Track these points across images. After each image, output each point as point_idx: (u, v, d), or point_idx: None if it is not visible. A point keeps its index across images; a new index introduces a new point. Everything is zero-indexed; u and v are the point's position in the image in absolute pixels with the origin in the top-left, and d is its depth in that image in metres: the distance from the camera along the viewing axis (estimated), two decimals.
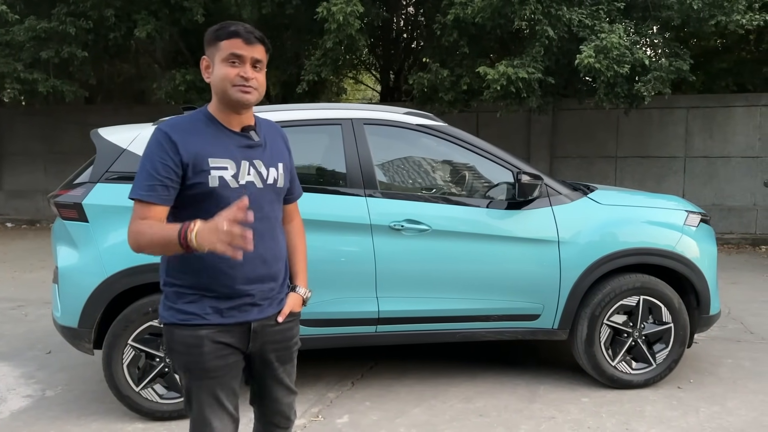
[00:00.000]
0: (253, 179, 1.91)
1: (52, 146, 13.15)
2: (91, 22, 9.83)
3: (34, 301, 6.27)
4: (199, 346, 1.88)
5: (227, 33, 1.87)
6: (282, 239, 2.05)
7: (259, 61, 1.89)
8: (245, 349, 1.97)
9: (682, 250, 3.88)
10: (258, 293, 1.94)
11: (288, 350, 2.08)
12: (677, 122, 10.61)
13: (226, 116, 1.92)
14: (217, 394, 1.93)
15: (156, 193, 1.81)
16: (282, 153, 2.04)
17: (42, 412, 3.68)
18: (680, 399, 3.78)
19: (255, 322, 1.95)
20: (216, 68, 1.89)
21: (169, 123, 1.89)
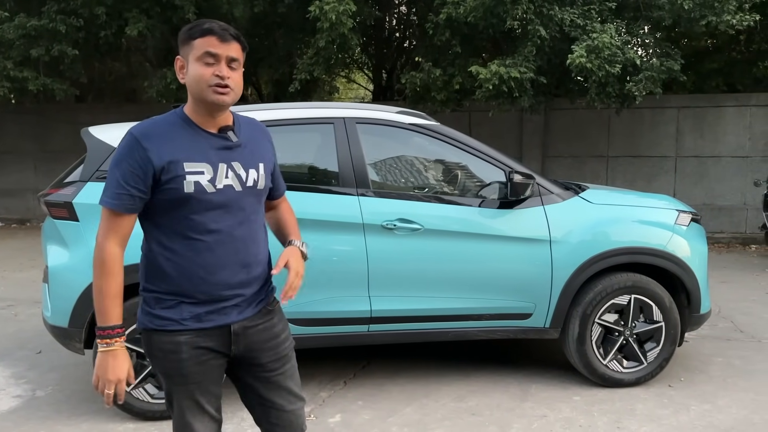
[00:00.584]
0: (232, 182, 1.84)
1: (42, 145, 13.05)
2: (82, 20, 9.76)
3: (24, 301, 6.23)
4: (178, 352, 1.84)
5: (201, 31, 1.78)
6: (264, 241, 1.97)
7: (235, 59, 1.81)
8: (228, 352, 1.91)
9: (673, 249, 3.90)
10: (237, 297, 1.88)
11: (278, 348, 1.98)
12: (668, 122, 10.66)
13: (202, 118, 1.84)
14: (197, 399, 1.89)
15: (121, 201, 1.78)
16: (263, 152, 1.96)
17: (32, 412, 3.66)
18: (671, 397, 3.80)
19: (235, 323, 1.89)
20: (190, 68, 1.80)
21: (141, 127, 1.81)
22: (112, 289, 1.80)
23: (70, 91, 10.71)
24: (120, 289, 1.81)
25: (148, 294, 1.89)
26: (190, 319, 1.84)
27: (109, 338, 1.78)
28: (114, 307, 1.79)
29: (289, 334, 2.05)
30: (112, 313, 1.79)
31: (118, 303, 1.80)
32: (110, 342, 1.78)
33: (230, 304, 1.88)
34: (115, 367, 1.78)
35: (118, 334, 1.79)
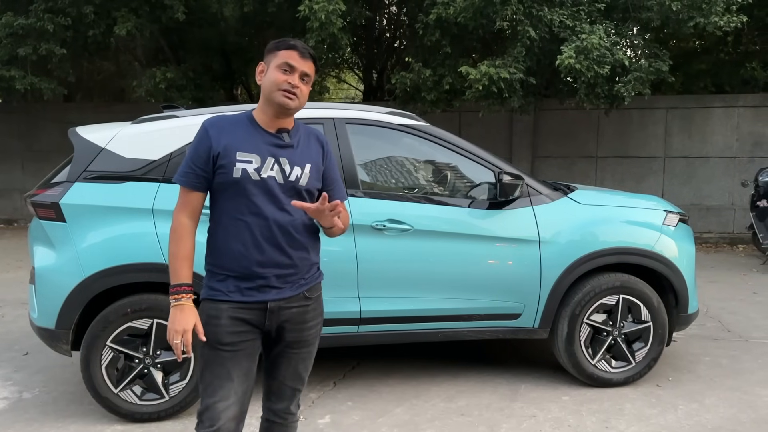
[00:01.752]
0: (275, 175, 2.10)
1: (30, 144, 12.94)
2: (70, 19, 9.68)
3: (11, 302, 6.17)
4: (218, 318, 2.09)
5: (286, 45, 2.12)
6: (305, 233, 2.17)
7: (307, 74, 2.12)
8: (262, 327, 2.14)
9: (661, 249, 3.93)
10: (273, 276, 2.11)
11: (302, 333, 2.20)
12: (657, 123, 10.73)
13: (266, 118, 2.14)
14: (228, 368, 2.09)
15: (187, 179, 2.10)
16: (313, 155, 2.19)
17: (19, 415, 3.63)
18: (659, 397, 3.83)
19: (272, 302, 2.12)
20: (269, 72, 2.12)
21: (211, 119, 2.14)
22: (182, 252, 2.09)
23: (58, 91, 10.62)
24: (189, 253, 2.10)
25: (207, 268, 2.16)
26: (234, 292, 2.10)
27: (177, 294, 2.06)
28: (183, 268, 2.08)
29: (318, 325, 2.28)
30: (181, 273, 2.07)
31: (187, 265, 2.09)
32: (178, 298, 2.06)
33: (267, 283, 2.10)
34: (182, 319, 2.04)
35: (186, 291, 2.06)
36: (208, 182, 2.10)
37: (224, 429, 2.08)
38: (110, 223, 3.43)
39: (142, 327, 3.42)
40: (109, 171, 3.47)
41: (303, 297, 2.19)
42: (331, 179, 2.26)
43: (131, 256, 3.41)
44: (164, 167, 3.50)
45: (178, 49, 11.96)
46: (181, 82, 10.33)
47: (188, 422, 3.46)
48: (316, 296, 2.25)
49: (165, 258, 3.40)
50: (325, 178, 2.24)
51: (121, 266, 3.39)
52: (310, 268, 2.22)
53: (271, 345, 2.23)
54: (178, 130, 3.57)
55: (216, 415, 2.07)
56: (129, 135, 3.57)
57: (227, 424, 2.09)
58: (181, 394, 3.47)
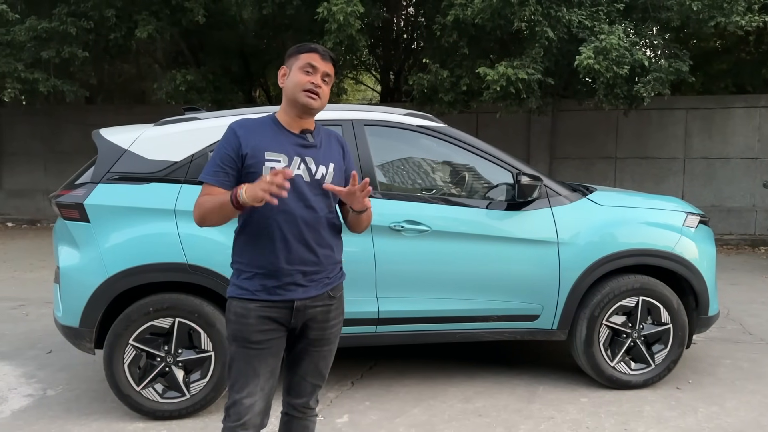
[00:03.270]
0: (302, 173, 2.16)
1: (52, 146, 13.16)
2: (92, 23, 9.84)
3: (35, 301, 6.28)
4: (246, 317, 2.14)
5: (308, 48, 2.19)
6: (334, 231, 2.25)
7: (328, 75, 2.20)
8: (288, 325, 2.19)
9: (681, 251, 3.90)
10: (299, 274, 2.16)
11: (324, 330, 2.26)
12: (676, 123, 10.63)
13: (289, 120, 2.21)
14: (255, 365, 2.15)
15: (216, 178, 2.14)
16: (335, 156, 2.27)
17: (43, 412, 3.70)
18: (679, 399, 3.80)
19: (298, 300, 2.17)
20: (291, 74, 2.19)
21: (238, 121, 2.21)
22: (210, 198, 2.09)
23: (80, 93, 10.79)
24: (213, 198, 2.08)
25: (235, 266, 2.22)
26: (261, 290, 2.15)
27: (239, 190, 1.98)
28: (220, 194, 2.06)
29: (339, 323, 2.34)
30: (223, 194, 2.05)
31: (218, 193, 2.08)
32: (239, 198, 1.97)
33: (294, 281, 2.16)
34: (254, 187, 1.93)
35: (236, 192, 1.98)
36: (235, 181, 2.13)
37: (250, 423, 2.16)
38: (133, 223, 3.48)
39: (163, 326, 3.47)
40: (132, 172, 3.53)
41: (327, 296, 2.25)
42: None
43: (153, 255, 3.46)
44: (186, 168, 3.55)
45: (197, 51, 12.09)
46: (200, 84, 10.44)
47: (209, 420, 3.51)
48: (338, 295, 2.32)
49: (186, 258, 3.45)
50: (346, 177, 2.28)
51: (144, 266, 3.45)
52: (334, 267, 2.28)
53: (294, 342, 2.28)
54: (200, 132, 3.62)
55: (243, 410, 2.15)
56: (152, 137, 3.63)
57: (253, 418, 2.17)
58: (202, 392, 3.51)
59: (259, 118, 2.24)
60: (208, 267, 3.46)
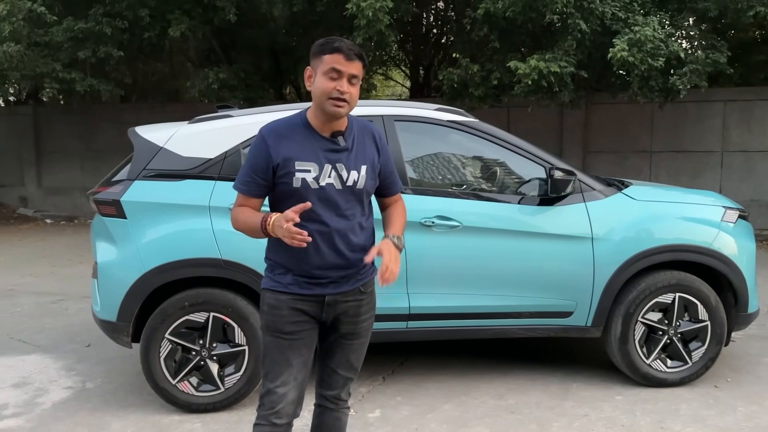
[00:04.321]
0: (333, 181, 2.15)
1: (88, 144, 13.44)
2: (127, 22, 10.01)
3: (74, 296, 6.43)
4: (279, 308, 2.19)
5: (331, 48, 2.09)
6: (365, 233, 2.25)
7: (355, 76, 2.11)
8: (319, 318, 2.23)
9: (720, 246, 3.82)
10: (332, 276, 2.19)
11: (356, 325, 2.29)
12: (714, 116, 10.39)
13: (319, 122, 2.16)
14: (288, 355, 2.20)
15: (248, 187, 2.18)
16: (368, 155, 2.23)
17: (82, 404, 3.79)
18: (717, 398, 3.72)
19: (329, 296, 2.21)
20: (317, 79, 2.12)
21: (268, 127, 2.18)
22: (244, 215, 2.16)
23: (116, 92, 10.99)
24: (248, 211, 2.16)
25: (269, 262, 2.27)
26: (293, 284, 2.20)
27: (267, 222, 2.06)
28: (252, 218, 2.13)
29: (370, 318, 2.36)
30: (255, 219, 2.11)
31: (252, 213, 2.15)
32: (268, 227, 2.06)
33: (326, 281, 2.19)
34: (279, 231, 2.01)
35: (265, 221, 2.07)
36: (267, 190, 2.18)
37: (283, 412, 2.20)
38: (168, 219, 3.54)
39: (198, 320, 3.52)
40: (168, 169, 3.59)
41: (358, 291, 2.27)
42: (386, 173, 2.31)
43: (188, 251, 3.51)
44: (220, 165, 3.59)
45: (229, 49, 12.21)
46: (232, 82, 10.54)
47: (243, 413, 3.55)
48: (370, 291, 2.33)
49: (221, 253, 3.50)
50: (381, 172, 2.29)
51: (179, 261, 3.50)
52: (365, 265, 2.27)
53: (326, 334, 2.31)
54: (233, 130, 3.67)
55: (277, 399, 2.19)
56: (186, 134, 3.68)
57: (287, 407, 2.21)
58: (236, 385, 3.56)
59: (289, 119, 2.21)
60: (242, 262, 3.51)
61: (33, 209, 13.60)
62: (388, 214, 2.37)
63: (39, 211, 13.52)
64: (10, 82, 11.47)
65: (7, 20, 8.99)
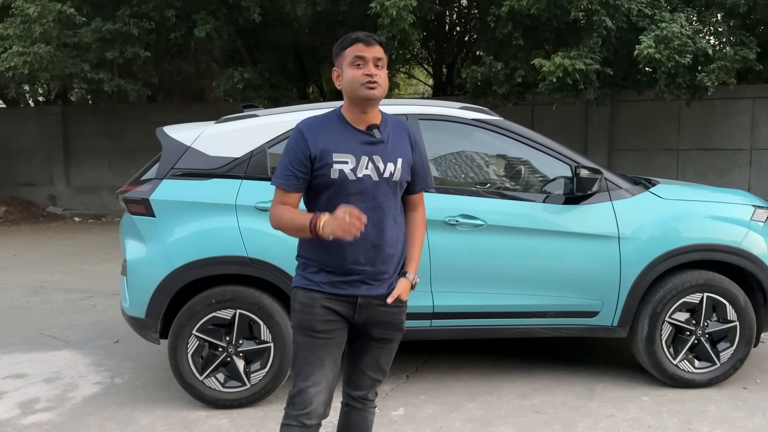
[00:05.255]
0: (370, 173, 2.16)
1: (116, 143, 13.65)
2: (153, 23, 10.15)
3: (102, 293, 6.55)
4: (312, 307, 2.18)
5: (350, 41, 2.14)
6: (398, 227, 2.25)
7: (380, 59, 2.13)
8: (351, 319, 2.22)
9: (749, 246, 3.76)
10: (367, 272, 2.18)
11: (388, 331, 2.28)
12: (742, 113, 10.21)
13: (354, 116, 2.18)
14: (320, 355, 2.19)
15: (288, 182, 2.16)
16: (403, 149, 2.24)
17: (111, 399, 3.86)
18: (746, 399, 3.67)
19: (362, 297, 2.19)
20: (345, 73, 2.15)
21: (305, 122, 2.21)
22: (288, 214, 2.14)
23: (143, 92, 11.15)
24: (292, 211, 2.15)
25: (301, 260, 2.26)
26: (326, 284, 2.19)
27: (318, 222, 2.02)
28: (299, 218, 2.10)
29: (402, 325, 2.33)
30: (303, 219, 2.08)
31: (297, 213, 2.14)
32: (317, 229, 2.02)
33: (359, 278, 2.18)
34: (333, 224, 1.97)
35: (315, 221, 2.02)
36: (306, 183, 2.17)
37: (315, 413, 2.20)
38: (196, 217, 3.59)
39: (225, 317, 3.56)
40: (195, 168, 3.64)
41: (398, 299, 2.24)
42: (417, 169, 2.31)
43: (215, 249, 3.56)
44: (246, 164, 3.63)
45: (253, 49, 12.30)
46: (257, 82, 10.63)
47: (268, 410, 3.59)
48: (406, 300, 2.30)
49: (247, 251, 3.54)
50: (413, 168, 2.29)
51: (206, 259, 3.55)
52: (398, 265, 2.27)
53: (357, 336, 2.30)
54: (259, 129, 3.70)
55: (308, 399, 2.18)
56: (213, 134, 3.73)
57: (318, 407, 2.20)
58: (262, 382, 3.60)
59: (325, 115, 2.24)
60: (268, 260, 3.54)
61: (62, 207, 13.86)
62: (410, 230, 2.35)
63: (68, 209, 13.77)
64: (39, 83, 11.71)
65: (37, 22, 9.17)
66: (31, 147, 14.20)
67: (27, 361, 4.52)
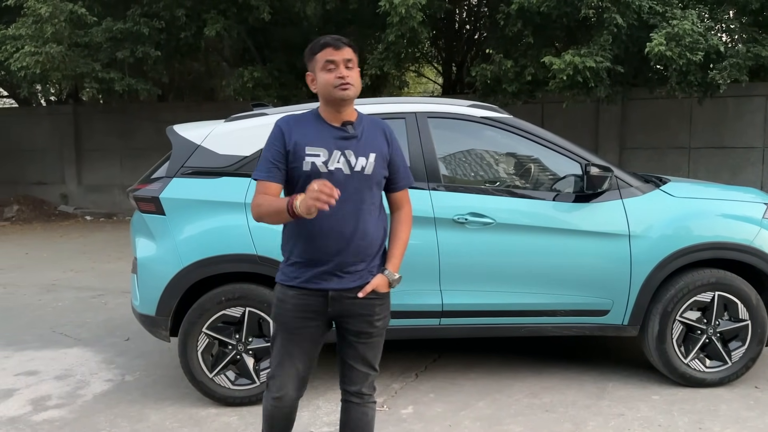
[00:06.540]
0: (341, 166, 2.24)
1: (127, 142, 13.72)
2: (164, 22, 10.19)
3: (113, 290, 6.59)
4: (284, 302, 2.32)
5: (319, 46, 2.24)
6: (373, 222, 2.30)
7: (349, 60, 2.23)
8: (325, 313, 2.30)
9: (761, 244, 3.73)
10: (336, 263, 2.25)
11: (364, 326, 2.33)
12: (755, 111, 10.12)
13: (329, 114, 2.28)
14: (290, 348, 2.33)
15: (269, 173, 2.25)
16: (377, 144, 2.31)
17: (122, 396, 3.88)
18: (758, 399, 3.64)
19: (333, 291, 2.27)
20: (318, 77, 2.25)
21: (283, 118, 2.33)
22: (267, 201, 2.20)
23: (153, 91, 11.19)
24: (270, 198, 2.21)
25: (283, 253, 2.36)
26: (299, 278, 2.28)
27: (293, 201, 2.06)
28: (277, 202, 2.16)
29: (384, 318, 2.39)
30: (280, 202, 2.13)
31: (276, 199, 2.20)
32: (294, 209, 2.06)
33: (329, 269, 2.25)
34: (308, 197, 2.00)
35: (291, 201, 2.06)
36: (285, 175, 2.26)
37: (287, 396, 2.36)
38: (206, 216, 3.60)
39: (235, 315, 3.58)
40: (205, 167, 3.65)
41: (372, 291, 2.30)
42: (396, 166, 2.38)
43: (225, 247, 3.57)
44: (256, 163, 3.61)
45: (263, 48, 12.33)
46: (266, 81, 10.65)
47: None
48: (384, 294, 2.36)
49: (256, 249, 3.55)
50: (391, 165, 2.36)
51: (216, 257, 3.56)
52: (375, 260, 2.33)
53: (339, 330, 2.39)
54: (268, 128, 3.60)
55: (280, 384, 2.36)
56: (223, 132, 3.74)
57: (290, 392, 2.36)
58: None
59: (303, 113, 2.34)
60: (276, 258, 3.52)
61: (73, 206, 13.96)
62: (394, 229, 2.41)
63: (79, 208, 13.87)
64: (51, 83, 11.79)
65: (49, 22, 9.23)
66: (43, 146, 14.31)
67: (39, 359, 4.55)
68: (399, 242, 2.39)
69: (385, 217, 2.38)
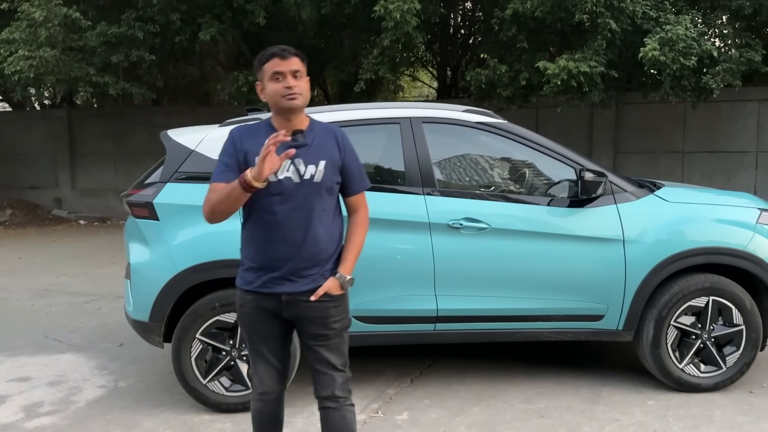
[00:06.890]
0: (291, 175, 2.29)
1: (121, 146, 13.67)
2: (158, 27, 10.15)
3: (106, 296, 6.56)
4: (243, 307, 2.42)
5: (267, 56, 2.30)
6: (324, 228, 2.34)
7: (297, 70, 2.28)
8: (282, 316, 2.37)
9: (755, 249, 3.74)
10: (288, 269, 2.31)
11: (324, 328, 2.36)
12: (748, 115, 10.16)
13: (280, 123, 2.34)
14: (259, 348, 2.44)
15: (223, 175, 2.30)
16: (327, 151, 2.35)
17: (115, 402, 3.86)
18: (752, 404, 3.64)
19: (285, 294, 2.33)
20: (266, 87, 2.31)
21: (237, 128, 2.41)
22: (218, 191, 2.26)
23: (148, 95, 11.15)
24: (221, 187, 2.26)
25: (241, 259, 2.43)
26: (254, 282, 2.36)
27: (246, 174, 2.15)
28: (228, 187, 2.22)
29: (341, 320, 2.41)
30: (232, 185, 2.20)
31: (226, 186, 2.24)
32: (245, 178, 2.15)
33: (281, 275, 2.31)
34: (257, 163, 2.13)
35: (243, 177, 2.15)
36: None
37: (269, 389, 2.47)
38: (200, 221, 3.53)
39: (229, 321, 3.56)
40: (199, 172, 3.63)
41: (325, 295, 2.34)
42: (348, 171, 2.41)
43: (219, 253, 3.55)
44: None
45: (258, 52, 12.29)
46: None
47: None
48: (338, 296, 2.38)
49: None
50: (343, 171, 2.39)
51: (210, 263, 3.55)
52: (327, 264, 2.37)
53: (301, 336, 2.45)
54: None
55: (260, 380, 2.47)
56: (217, 137, 3.70)
57: (272, 385, 2.47)
58: None
59: (255, 123, 2.43)
60: None
61: (67, 210, 13.90)
62: (348, 235, 2.45)
63: (73, 212, 13.81)
64: (45, 87, 11.74)
65: (43, 26, 9.20)
66: (36, 150, 14.25)
67: (31, 365, 4.53)
68: (353, 245, 2.43)
69: (340, 221, 2.43)
